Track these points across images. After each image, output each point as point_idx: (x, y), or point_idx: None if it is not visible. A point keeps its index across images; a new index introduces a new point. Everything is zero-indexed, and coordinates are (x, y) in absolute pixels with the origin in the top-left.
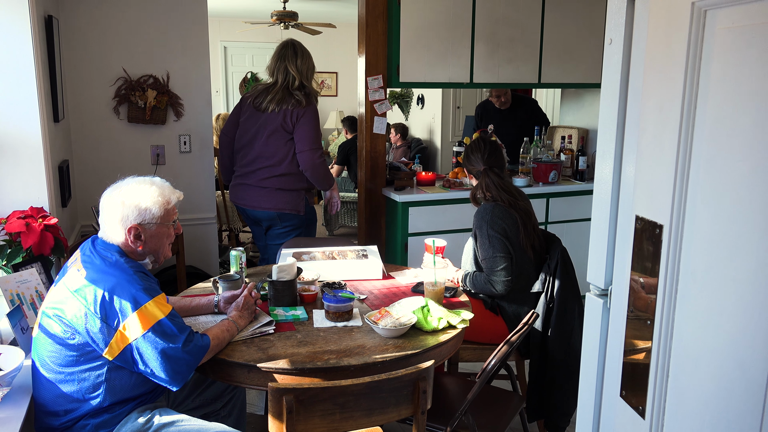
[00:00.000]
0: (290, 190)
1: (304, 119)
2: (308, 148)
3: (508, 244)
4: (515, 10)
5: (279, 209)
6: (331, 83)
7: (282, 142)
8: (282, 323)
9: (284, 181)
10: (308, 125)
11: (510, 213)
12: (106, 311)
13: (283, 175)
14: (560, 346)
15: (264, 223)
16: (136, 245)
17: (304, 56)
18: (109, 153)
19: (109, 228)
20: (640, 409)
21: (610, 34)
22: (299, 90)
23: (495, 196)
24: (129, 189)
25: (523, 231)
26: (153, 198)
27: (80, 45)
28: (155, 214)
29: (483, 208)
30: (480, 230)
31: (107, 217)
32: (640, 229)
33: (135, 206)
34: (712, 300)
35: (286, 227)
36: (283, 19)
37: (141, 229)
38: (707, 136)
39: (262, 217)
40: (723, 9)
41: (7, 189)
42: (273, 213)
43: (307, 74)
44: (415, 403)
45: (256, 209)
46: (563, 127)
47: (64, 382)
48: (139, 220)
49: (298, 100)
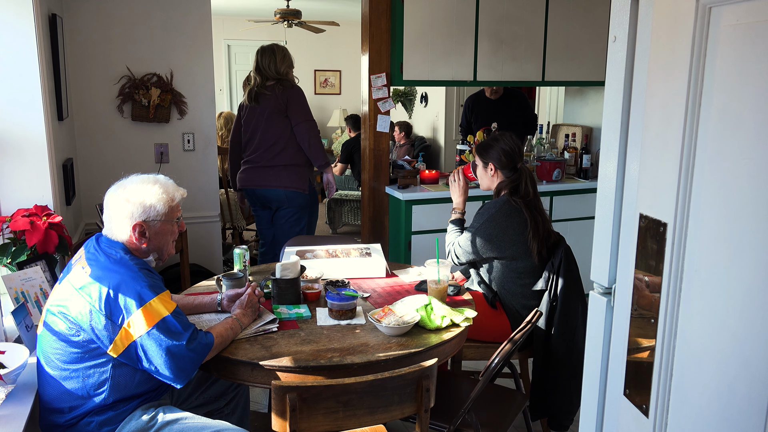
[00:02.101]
0: (294, 165)
1: (294, 97)
2: (303, 120)
3: (485, 250)
4: (519, 7)
5: (286, 187)
6: (334, 81)
7: (279, 121)
8: (285, 321)
9: (287, 157)
10: (299, 100)
11: (521, 213)
12: (111, 308)
13: (284, 151)
14: (563, 345)
15: (273, 204)
16: (141, 242)
17: (275, 54)
18: (113, 151)
19: (113, 225)
20: (644, 407)
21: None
22: (279, 80)
23: (522, 194)
24: (133, 187)
25: (532, 232)
26: (157, 195)
27: (84, 43)
28: (159, 211)
29: (492, 203)
30: (478, 218)
31: (112, 214)
32: (644, 228)
33: (140, 203)
34: (716, 298)
35: (292, 207)
36: (286, 18)
37: (146, 227)
38: (712, 133)
39: (270, 197)
40: (727, 6)
41: (12, 187)
42: (281, 193)
43: (277, 68)
44: (419, 402)
45: (264, 188)
46: (567, 125)
47: (68, 379)
48: (143, 218)
49: (283, 83)
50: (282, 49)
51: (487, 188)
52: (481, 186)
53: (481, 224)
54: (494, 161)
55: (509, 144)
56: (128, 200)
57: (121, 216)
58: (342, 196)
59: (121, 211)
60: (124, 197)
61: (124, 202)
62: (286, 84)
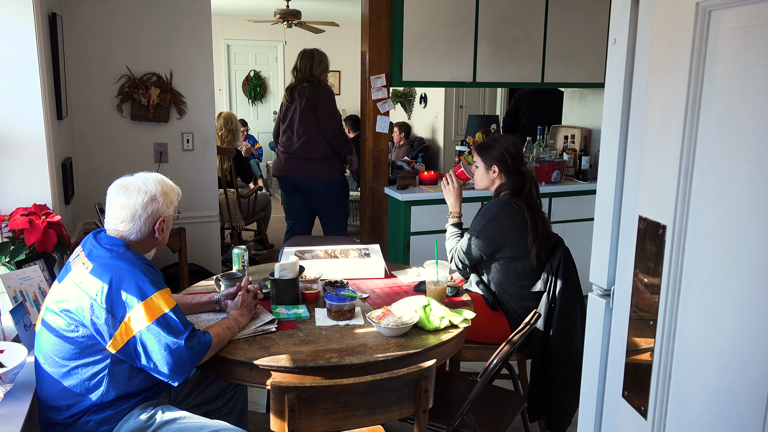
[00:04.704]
0: (329, 158)
1: (323, 97)
2: (330, 117)
3: (489, 251)
4: (518, 9)
5: (324, 178)
6: (333, 82)
7: (311, 118)
8: (284, 321)
9: (323, 151)
10: (327, 100)
11: (522, 214)
12: (112, 302)
13: (320, 145)
14: (562, 346)
15: (311, 193)
16: (160, 236)
17: (313, 59)
18: (112, 151)
19: (128, 223)
20: (642, 409)
21: (614, 34)
22: (311, 82)
23: (525, 197)
24: (154, 185)
25: (532, 235)
26: (172, 191)
27: (84, 42)
28: (175, 205)
29: (493, 204)
30: (480, 219)
31: (129, 213)
32: (643, 230)
33: (165, 200)
34: (715, 300)
35: (331, 193)
36: (286, 18)
37: (166, 221)
38: (711, 136)
39: (310, 186)
40: (728, 9)
41: (11, 186)
42: (320, 183)
43: (311, 71)
44: (417, 402)
45: (304, 178)
46: (566, 127)
47: (66, 376)
48: (166, 213)
49: (315, 85)
50: (320, 54)
51: (484, 188)
52: (478, 186)
53: (483, 225)
54: (499, 163)
55: (512, 146)
56: (155, 198)
57: (146, 214)
58: None
59: (148, 210)
60: (151, 195)
61: (151, 200)
62: (317, 85)
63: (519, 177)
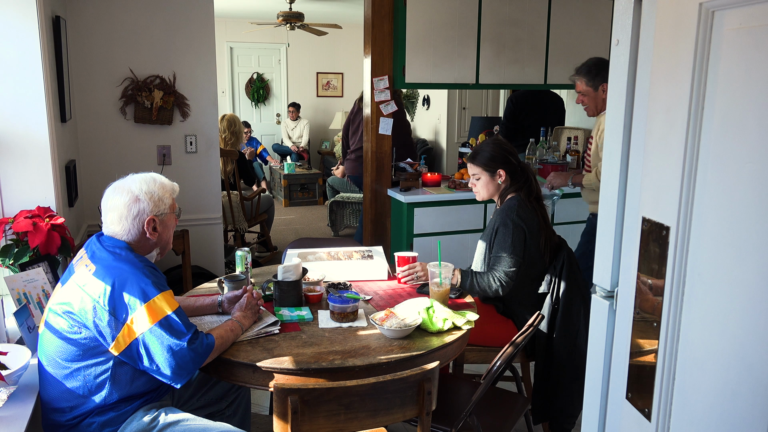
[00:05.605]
0: None
1: None
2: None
3: (526, 243)
4: (521, 11)
5: None
6: (336, 84)
7: None
8: (287, 323)
9: None
10: None
11: (535, 216)
12: (115, 304)
13: None
14: (565, 348)
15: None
16: (153, 237)
17: None
18: (115, 153)
19: (118, 225)
20: (646, 411)
21: (617, 35)
22: None
23: (524, 197)
24: (139, 185)
25: (543, 234)
26: (162, 189)
27: (87, 45)
28: (167, 203)
29: (508, 205)
30: (505, 224)
31: (117, 214)
32: (646, 231)
33: (150, 199)
34: (719, 302)
35: None
36: (289, 20)
37: (157, 221)
38: (714, 137)
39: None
40: (731, 10)
41: (15, 188)
42: None
43: None
44: (420, 404)
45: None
46: (569, 128)
47: (69, 378)
48: (155, 212)
49: None
50: None
51: (489, 197)
52: (482, 197)
53: (512, 236)
54: (504, 166)
55: (505, 145)
56: (138, 199)
57: (131, 215)
58: (344, 199)
59: (132, 210)
60: (134, 196)
61: (134, 201)
62: None
63: (522, 174)
